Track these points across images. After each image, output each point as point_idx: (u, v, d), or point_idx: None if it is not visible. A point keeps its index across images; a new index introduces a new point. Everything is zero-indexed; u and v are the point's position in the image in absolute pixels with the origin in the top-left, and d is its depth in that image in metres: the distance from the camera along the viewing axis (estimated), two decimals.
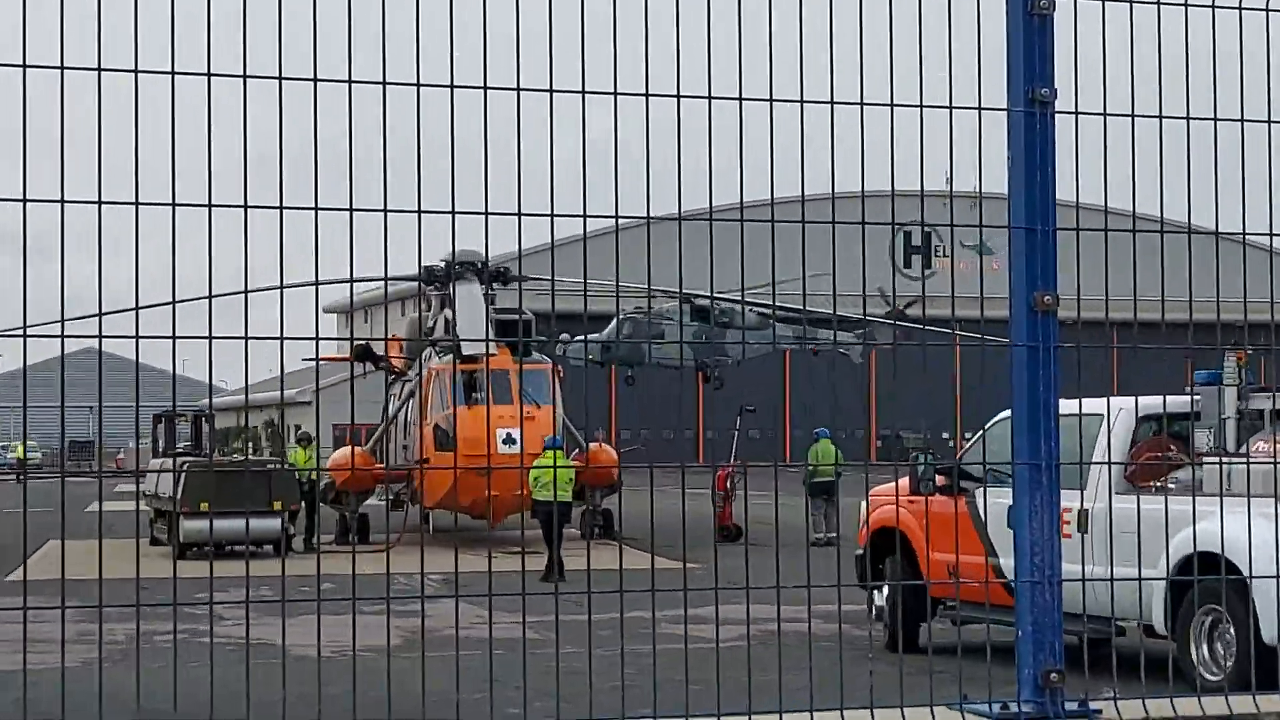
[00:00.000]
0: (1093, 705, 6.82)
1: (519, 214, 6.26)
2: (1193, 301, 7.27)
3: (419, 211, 6.24)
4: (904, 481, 23.27)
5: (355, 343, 42.60)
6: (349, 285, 6.87)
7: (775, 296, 6.94)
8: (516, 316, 42.09)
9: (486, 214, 6.24)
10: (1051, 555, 6.68)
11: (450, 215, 6.29)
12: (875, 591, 23.79)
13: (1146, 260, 7.29)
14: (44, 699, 6.04)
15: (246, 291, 6.20)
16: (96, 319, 5.98)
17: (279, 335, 6.16)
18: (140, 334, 5.86)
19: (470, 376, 41.18)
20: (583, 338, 46.62)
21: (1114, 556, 16.06)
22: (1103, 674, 7.30)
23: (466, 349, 36.97)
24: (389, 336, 44.99)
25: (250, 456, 44.62)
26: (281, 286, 6.26)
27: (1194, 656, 19.04)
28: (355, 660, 6.49)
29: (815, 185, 6.93)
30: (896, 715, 6.65)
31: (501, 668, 6.88)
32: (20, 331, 5.99)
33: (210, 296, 6.24)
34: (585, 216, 6.38)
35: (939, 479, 21.75)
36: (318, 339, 6.16)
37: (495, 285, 43.12)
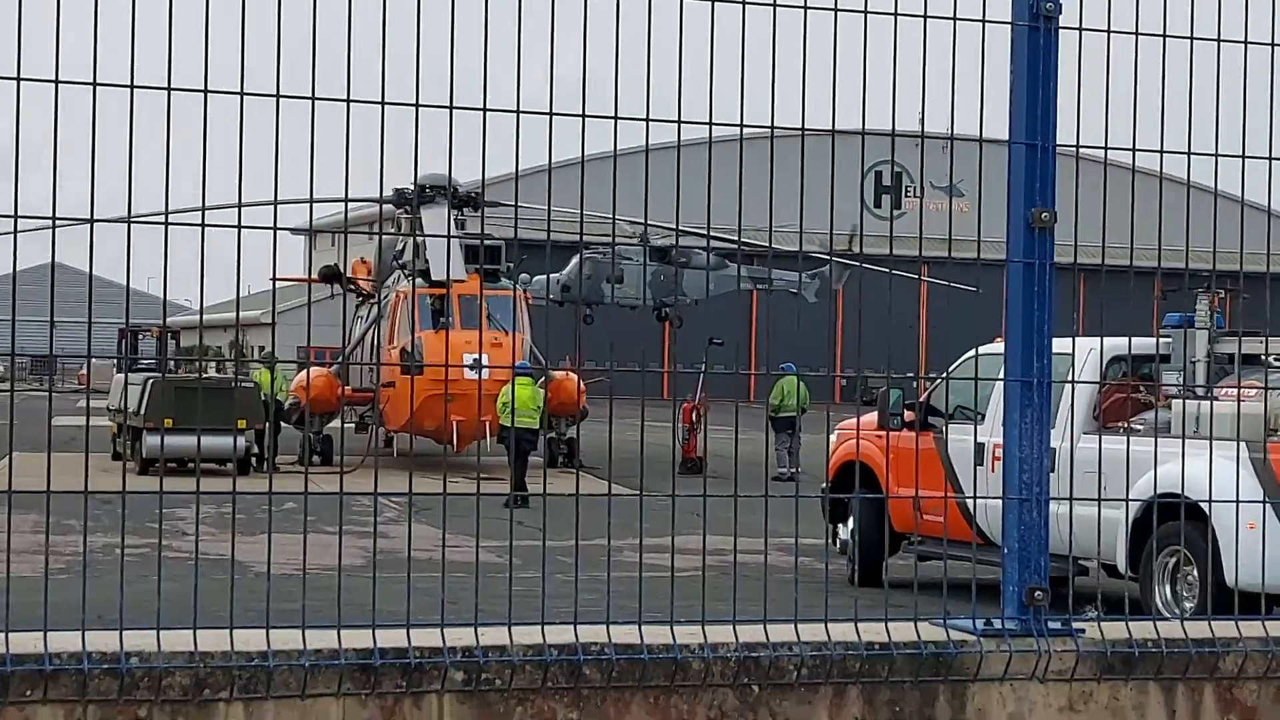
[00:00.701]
0: (1076, 625, 6.83)
1: (517, 110, 6.20)
2: (1189, 251, 7.25)
3: (416, 106, 6.17)
4: (871, 417, 23.27)
5: (323, 265, 42.47)
6: (343, 204, 6.79)
7: (771, 235, 6.87)
8: (485, 241, 41.99)
9: (485, 110, 6.18)
10: (1040, 473, 6.67)
11: (448, 110, 6.22)
12: (840, 525, 23.87)
13: (1137, 195, 7.26)
14: (12, 605, 5.97)
15: (239, 204, 6.13)
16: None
17: (273, 225, 6.10)
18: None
19: (438, 301, 41.09)
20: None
21: (1083, 496, 16.05)
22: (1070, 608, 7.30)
23: (434, 274, 36.85)
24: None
25: (215, 375, 44.50)
26: (276, 201, 6.20)
27: (1155, 596, 19.17)
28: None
29: (813, 108, 6.83)
30: (880, 630, 6.64)
31: (462, 590, 6.83)
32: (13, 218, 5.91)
33: (203, 209, 6.16)
34: (584, 116, 6.31)
35: (905, 414, 21.81)
36: (311, 230, 6.08)
37: (465, 210, 43.06)
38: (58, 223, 5.86)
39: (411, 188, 38.98)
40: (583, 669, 6.27)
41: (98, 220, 5.81)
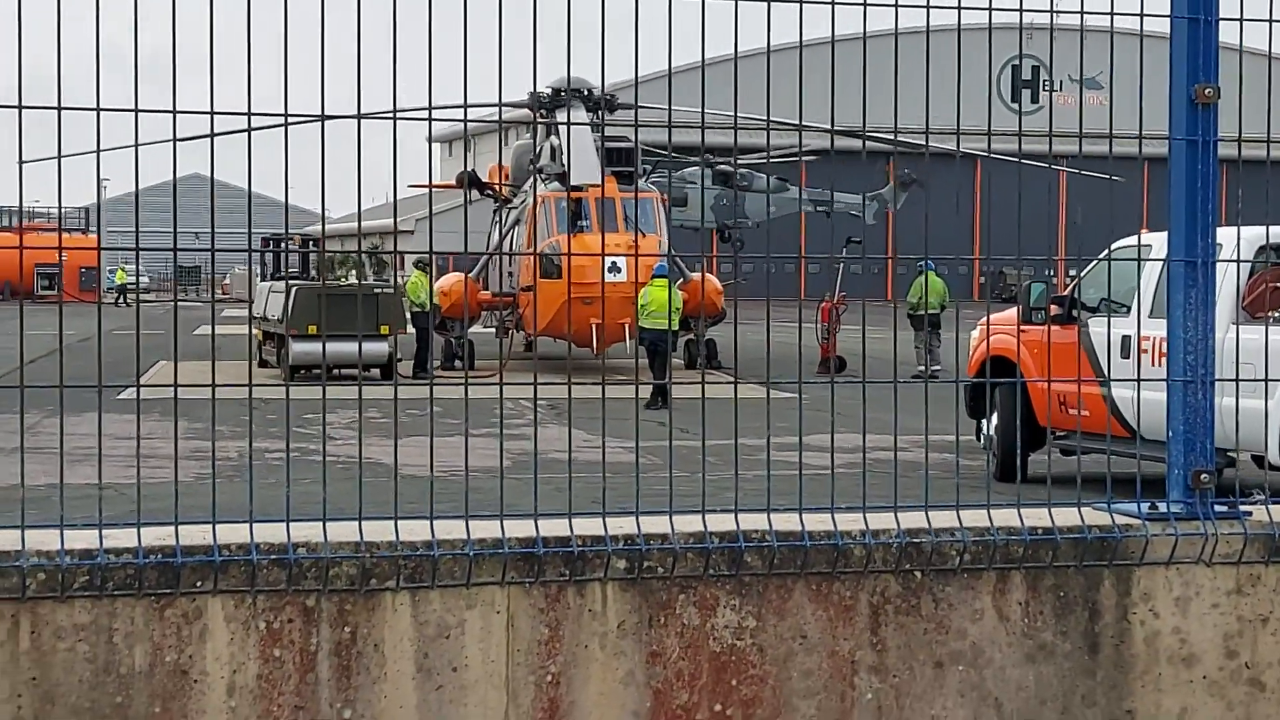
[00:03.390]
0: (1242, 508, 6.74)
1: None
2: None
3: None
4: (1015, 312, 23.05)
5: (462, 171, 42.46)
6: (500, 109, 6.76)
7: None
8: (622, 145, 41.91)
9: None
10: (1205, 354, 6.56)
11: (600, 3, 6.17)
12: (983, 420, 23.73)
13: None
14: (163, 510, 6.03)
15: (394, 112, 6.12)
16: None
17: (428, 115, 6.09)
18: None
19: (577, 204, 41.11)
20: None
21: (1230, 388, 15.86)
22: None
23: (574, 177, 36.84)
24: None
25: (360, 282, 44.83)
26: (430, 107, 6.18)
27: None
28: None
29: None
30: (1043, 515, 6.58)
31: (611, 490, 6.78)
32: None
33: (359, 116, 6.16)
34: (737, 0, 6.24)
35: (1051, 308, 21.56)
36: (466, 111, 6.04)
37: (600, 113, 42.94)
38: (215, 117, 5.87)
39: (549, 91, 38.99)
40: (744, 556, 6.27)
41: (255, 114, 5.82)
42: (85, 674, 5.71)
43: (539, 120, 41.87)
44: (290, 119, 5.98)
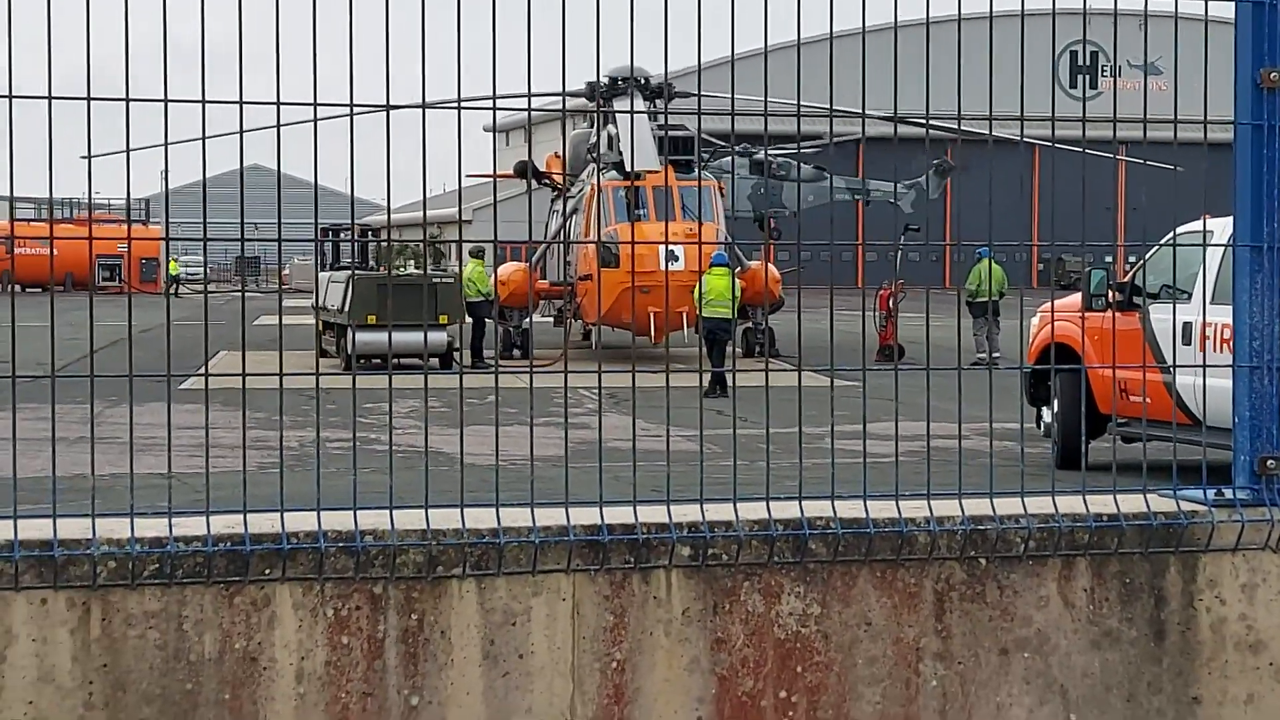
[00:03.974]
0: None
1: None
2: None
3: None
4: (1075, 298, 22.96)
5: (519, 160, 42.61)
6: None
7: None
8: (680, 133, 41.94)
9: None
10: (1271, 340, 6.53)
11: None
12: (1044, 408, 23.65)
13: None
14: (227, 499, 6.07)
15: (459, 102, 6.15)
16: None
17: (492, 105, 6.11)
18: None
19: (635, 193, 41.15)
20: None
21: None
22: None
23: (633, 165, 36.88)
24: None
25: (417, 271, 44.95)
26: (494, 96, 6.20)
27: None
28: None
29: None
30: (1108, 502, 6.56)
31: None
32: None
33: (424, 105, 6.19)
34: None
35: (1111, 295, 21.46)
36: (530, 100, 6.06)
37: (656, 102, 42.97)
38: (282, 106, 5.91)
39: (607, 80, 38.99)
40: (808, 543, 6.28)
41: (320, 105, 5.86)
42: (155, 661, 5.76)
43: (600, 109, 41.93)
44: (355, 109, 6.01)
